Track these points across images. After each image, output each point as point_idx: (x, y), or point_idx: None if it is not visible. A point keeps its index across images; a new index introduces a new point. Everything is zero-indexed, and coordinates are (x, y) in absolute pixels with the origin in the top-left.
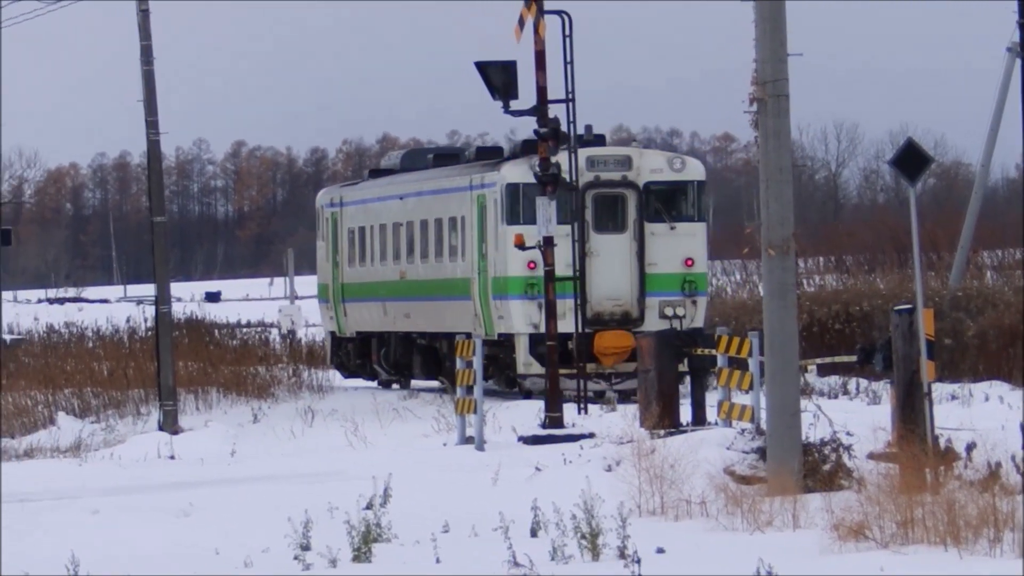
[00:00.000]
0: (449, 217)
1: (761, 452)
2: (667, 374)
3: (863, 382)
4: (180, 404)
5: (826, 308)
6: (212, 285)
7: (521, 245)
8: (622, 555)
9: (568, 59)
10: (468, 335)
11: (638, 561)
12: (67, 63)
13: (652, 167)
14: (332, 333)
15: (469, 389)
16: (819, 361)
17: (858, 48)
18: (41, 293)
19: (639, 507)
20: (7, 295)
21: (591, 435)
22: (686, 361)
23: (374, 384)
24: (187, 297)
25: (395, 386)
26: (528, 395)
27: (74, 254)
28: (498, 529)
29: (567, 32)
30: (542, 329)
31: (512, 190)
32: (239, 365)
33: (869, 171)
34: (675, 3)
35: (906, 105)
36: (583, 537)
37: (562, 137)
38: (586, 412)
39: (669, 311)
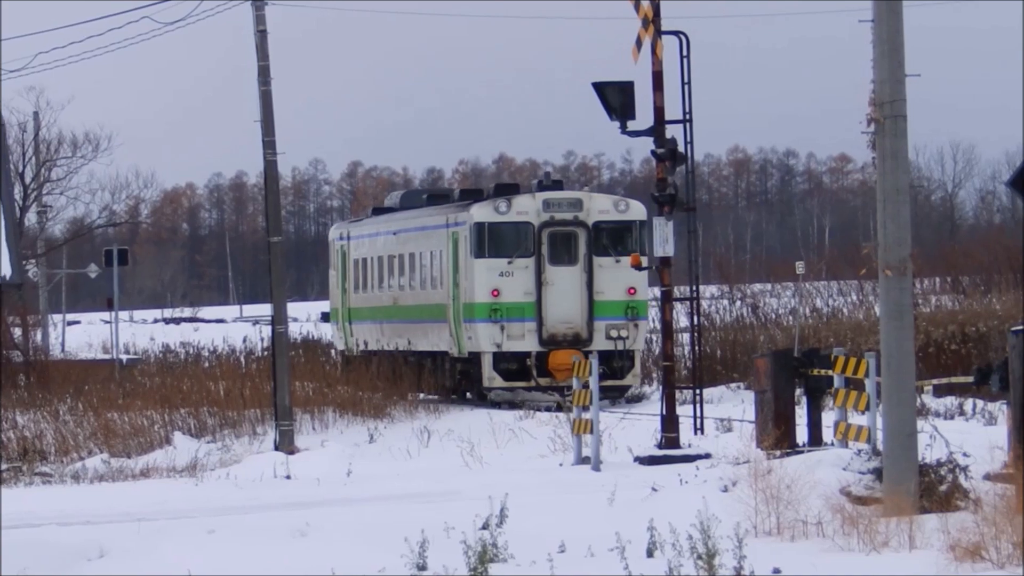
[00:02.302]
0: (431, 251)
1: (877, 473)
2: (783, 395)
3: (979, 403)
4: (296, 424)
5: (942, 329)
6: (328, 305)
7: (638, 265)
8: (738, 575)
9: (685, 79)
10: (446, 353)
11: None
12: (184, 84)
13: (600, 209)
14: (342, 351)
15: (586, 409)
16: (936, 382)
17: (975, 69)
18: (157, 313)
19: (755, 527)
20: (123, 315)
21: (707, 455)
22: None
23: None
24: (303, 317)
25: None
26: (497, 405)
27: (190, 274)
28: (614, 549)
29: (684, 53)
30: (503, 348)
31: (479, 228)
32: (355, 385)
33: (985, 192)
34: (792, 23)
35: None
36: (699, 557)
37: (679, 158)
38: (702, 433)
39: (614, 333)
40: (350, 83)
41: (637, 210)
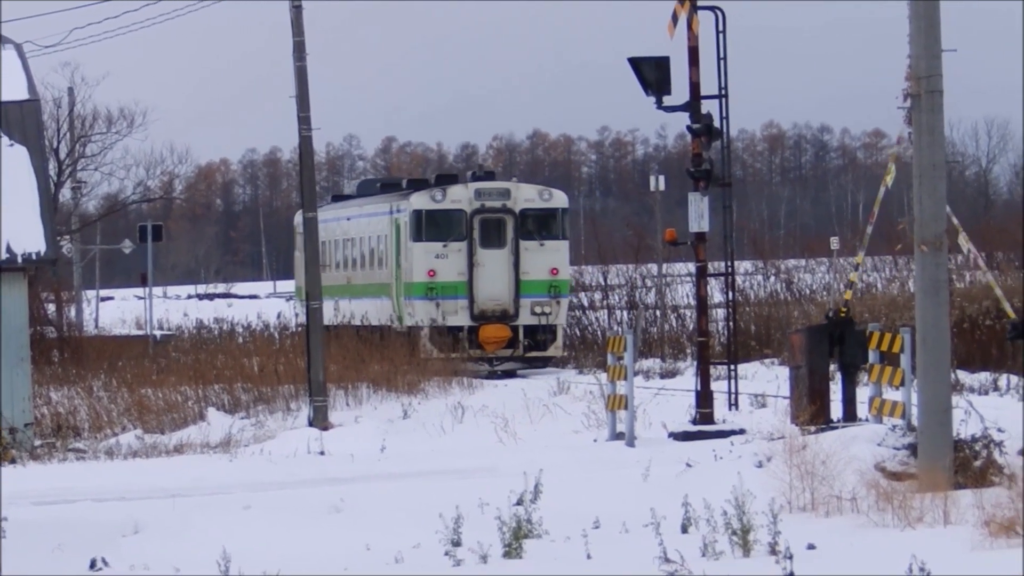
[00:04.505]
0: (377, 235)
1: (912, 448)
2: (818, 370)
3: (1014, 378)
4: (330, 400)
5: (977, 304)
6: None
7: (673, 241)
8: (773, 551)
9: (721, 55)
10: (389, 327)
11: (790, 557)
12: (218, 60)
13: (526, 197)
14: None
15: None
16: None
17: (1008, 44)
18: (191, 289)
19: (790, 503)
20: (157, 291)
21: (742, 431)
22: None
23: None
24: None
25: None
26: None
27: (224, 250)
28: (649, 525)
29: (720, 28)
30: (439, 323)
31: (417, 215)
32: (389, 361)
33: (1020, 167)
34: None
35: None
36: (734, 533)
37: (715, 133)
38: (737, 408)
39: (538, 309)
40: (386, 60)
41: (559, 198)
